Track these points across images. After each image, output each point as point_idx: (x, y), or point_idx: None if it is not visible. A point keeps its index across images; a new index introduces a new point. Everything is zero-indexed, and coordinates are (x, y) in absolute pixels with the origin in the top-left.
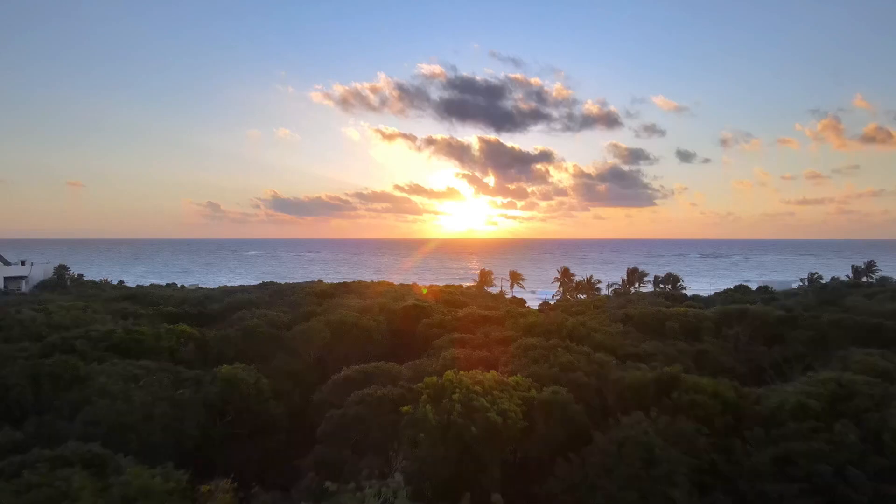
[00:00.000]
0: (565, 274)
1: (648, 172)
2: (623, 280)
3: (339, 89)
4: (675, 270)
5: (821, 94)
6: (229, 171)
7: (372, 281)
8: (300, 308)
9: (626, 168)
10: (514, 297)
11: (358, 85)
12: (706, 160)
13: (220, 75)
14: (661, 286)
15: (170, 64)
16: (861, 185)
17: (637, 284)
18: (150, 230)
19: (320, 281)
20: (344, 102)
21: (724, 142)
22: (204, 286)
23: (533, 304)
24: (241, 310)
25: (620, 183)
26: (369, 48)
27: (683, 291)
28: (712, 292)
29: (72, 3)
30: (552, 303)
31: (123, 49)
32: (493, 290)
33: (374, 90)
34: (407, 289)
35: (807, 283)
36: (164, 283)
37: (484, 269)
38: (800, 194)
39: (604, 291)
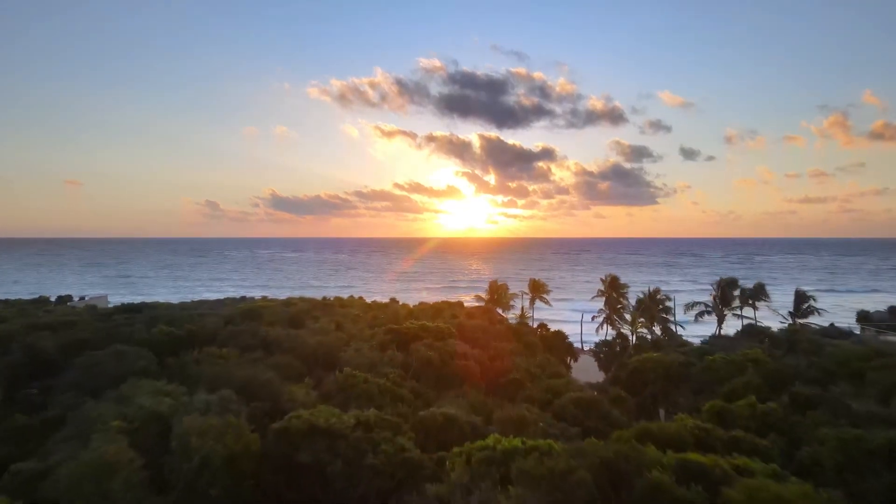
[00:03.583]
0: (613, 285)
1: (651, 170)
2: (714, 296)
3: (336, 84)
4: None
5: (829, 90)
6: (227, 169)
7: (336, 297)
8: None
9: (628, 166)
10: (543, 329)
11: (356, 80)
12: (710, 157)
13: (216, 72)
14: (751, 303)
15: (166, 61)
16: (865, 183)
17: (732, 304)
18: (149, 229)
19: (265, 298)
20: (342, 98)
21: (728, 139)
22: (141, 300)
23: (564, 326)
24: None
25: (623, 181)
26: (367, 42)
27: (814, 323)
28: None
29: (70, 2)
30: (612, 341)
31: (120, 47)
32: (511, 313)
33: (372, 85)
34: (379, 311)
35: None
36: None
37: (495, 282)
38: (802, 193)
39: (680, 315)
